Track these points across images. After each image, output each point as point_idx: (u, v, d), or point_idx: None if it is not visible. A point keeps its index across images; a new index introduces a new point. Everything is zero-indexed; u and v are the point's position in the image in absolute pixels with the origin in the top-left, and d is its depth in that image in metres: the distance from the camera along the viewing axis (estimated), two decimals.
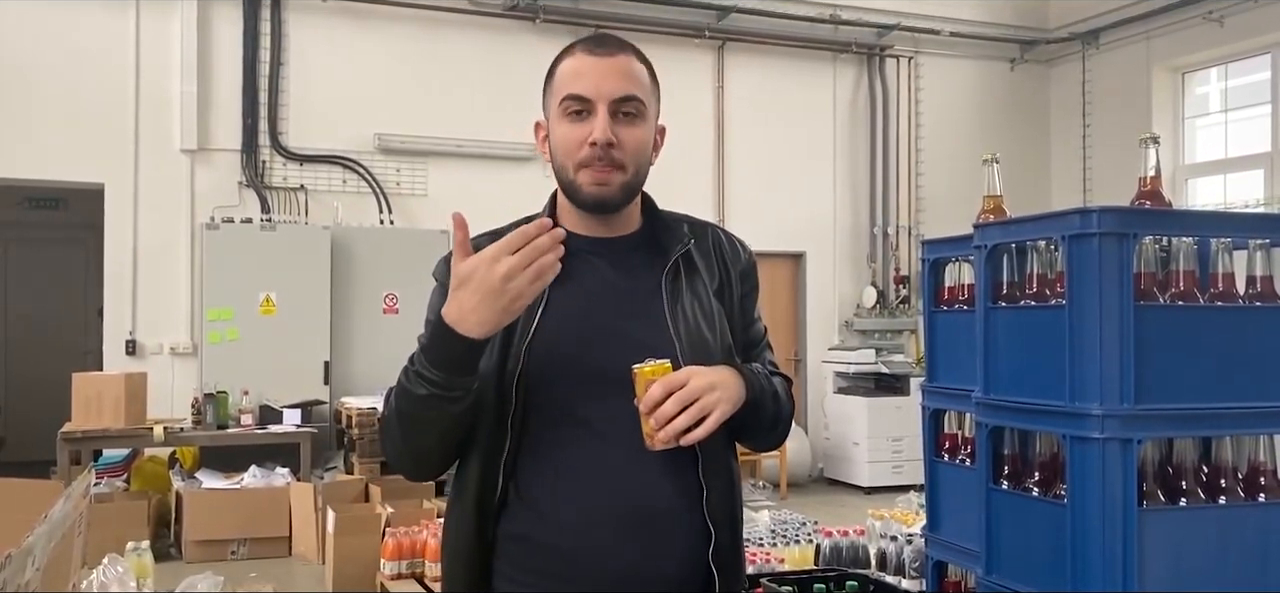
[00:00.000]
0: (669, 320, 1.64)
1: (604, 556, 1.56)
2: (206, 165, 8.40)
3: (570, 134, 1.62)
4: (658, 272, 1.67)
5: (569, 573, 1.57)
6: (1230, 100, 9.70)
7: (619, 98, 1.61)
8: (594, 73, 1.61)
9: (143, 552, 4.75)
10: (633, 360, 1.54)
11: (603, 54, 1.63)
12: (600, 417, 1.58)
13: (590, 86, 1.60)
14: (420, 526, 5.59)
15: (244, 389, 7.46)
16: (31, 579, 1.39)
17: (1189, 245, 1.92)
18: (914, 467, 7.86)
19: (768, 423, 1.71)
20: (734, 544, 1.68)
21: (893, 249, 10.33)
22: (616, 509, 1.57)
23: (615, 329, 1.62)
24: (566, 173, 1.64)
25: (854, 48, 10.25)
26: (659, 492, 1.59)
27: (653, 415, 1.50)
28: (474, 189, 8.96)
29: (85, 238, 9.88)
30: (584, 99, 1.60)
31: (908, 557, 3.55)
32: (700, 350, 1.63)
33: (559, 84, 1.65)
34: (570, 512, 1.58)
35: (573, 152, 1.61)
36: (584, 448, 1.59)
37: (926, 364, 2.49)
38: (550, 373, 1.59)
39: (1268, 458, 1.93)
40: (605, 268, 1.67)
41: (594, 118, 1.60)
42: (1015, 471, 2.05)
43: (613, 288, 1.66)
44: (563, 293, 1.60)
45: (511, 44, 9.17)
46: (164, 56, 8.25)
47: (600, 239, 1.68)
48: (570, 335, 1.61)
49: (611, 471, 1.58)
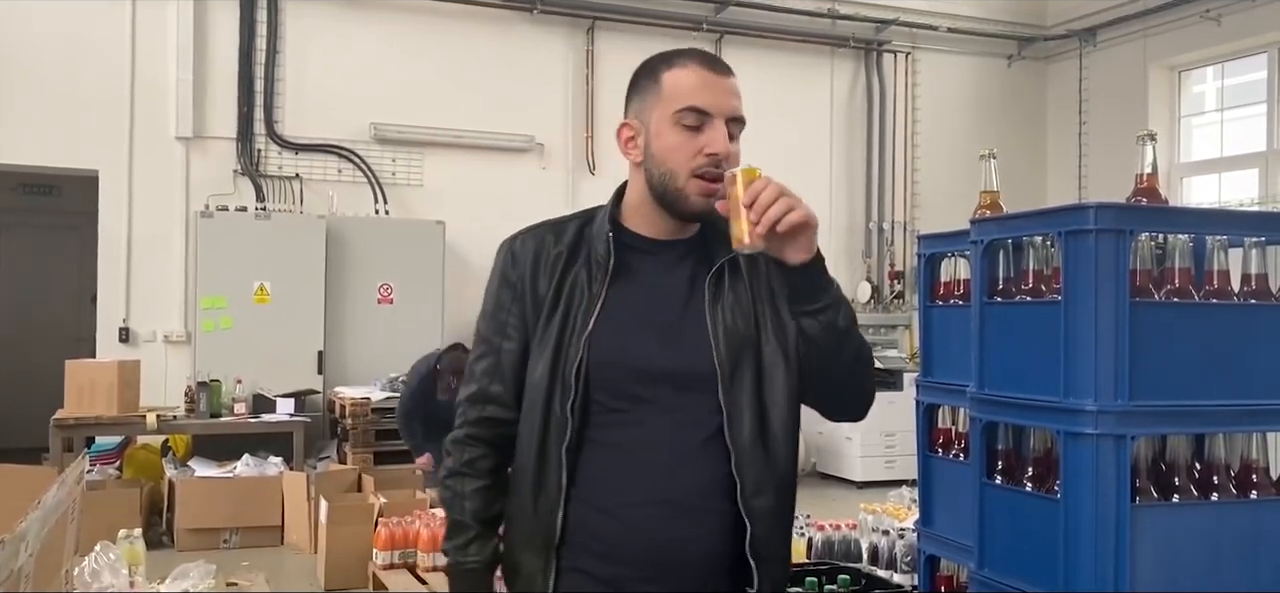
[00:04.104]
0: (708, 321, 1.72)
1: (646, 541, 1.67)
2: (201, 153, 8.37)
3: (686, 143, 1.70)
4: (704, 274, 1.75)
5: (617, 556, 1.68)
6: (1226, 99, 9.71)
7: (733, 116, 1.72)
8: (714, 89, 1.71)
9: (135, 540, 4.74)
10: (676, 360, 1.69)
11: (721, 73, 1.73)
12: (646, 410, 1.69)
13: (712, 102, 1.70)
14: (413, 516, 5.58)
15: (237, 378, 7.43)
16: (24, 565, 1.39)
17: (1185, 243, 1.92)
18: (907, 462, 7.85)
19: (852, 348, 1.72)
20: (774, 537, 1.73)
21: (888, 245, 10.34)
22: (655, 497, 1.67)
23: (662, 329, 1.72)
24: (675, 180, 1.71)
25: (851, 43, 10.24)
26: (695, 484, 1.68)
27: (753, 206, 1.57)
28: (470, 180, 8.96)
29: (79, 225, 9.83)
30: (705, 113, 1.69)
31: (899, 551, 3.56)
32: (738, 348, 1.71)
33: (672, 93, 1.71)
34: (617, 497, 1.69)
35: (687, 160, 1.69)
36: (630, 438, 1.70)
37: (921, 359, 2.49)
38: (606, 366, 1.70)
39: (1259, 456, 1.94)
40: (659, 269, 1.76)
41: (711, 131, 1.69)
42: (1009, 466, 2.05)
43: (662, 289, 1.75)
44: (618, 291, 1.72)
45: (509, 34, 9.15)
46: (159, 43, 8.22)
47: (660, 241, 1.77)
48: (624, 332, 1.71)
49: (654, 462, 1.68)
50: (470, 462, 1.78)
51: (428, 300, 8.27)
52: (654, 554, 1.67)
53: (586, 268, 1.74)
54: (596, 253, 1.74)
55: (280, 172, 8.55)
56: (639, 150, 1.75)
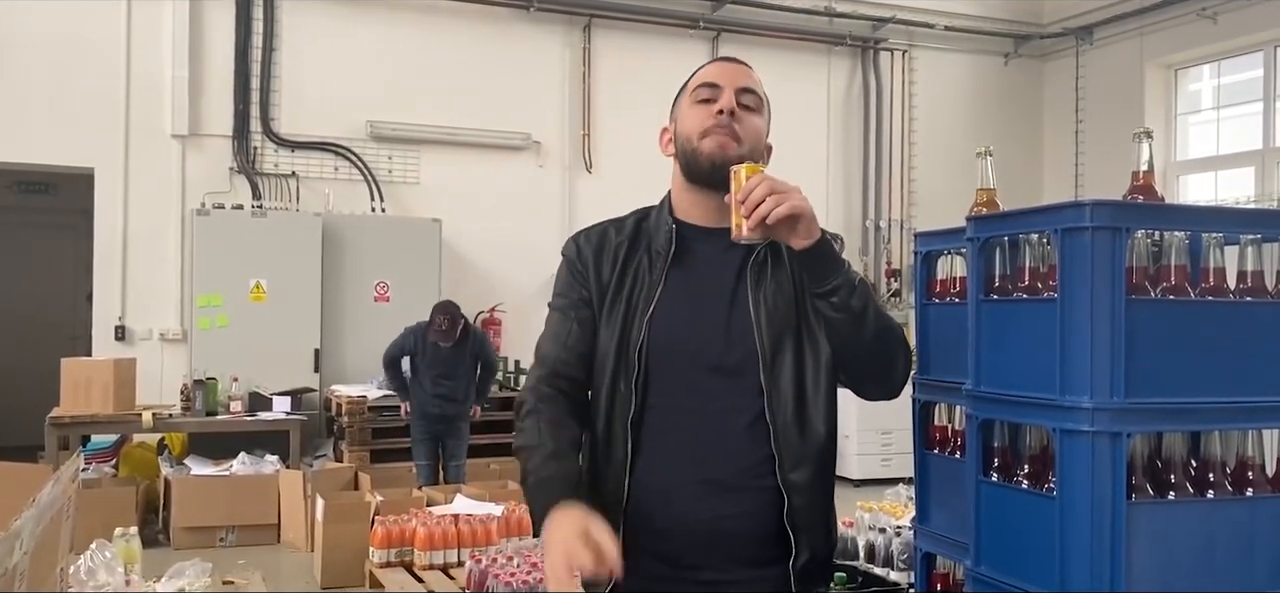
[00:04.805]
0: (751, 307, 1.83)
1: (694, 521, 1.79)
2: (197, 151, 8.36)
3: (699, 112, 1.88)
4: (747, 261, 1.86)
5: (669, 532, 1.80)
6: (1222, 97, 9.72)
7: (742, 87, 1.89)
8: (726, 69, 1.93)
9: (131, 538, 4.72)
10: (724, 344, 1.81)
11: (733, 62, 1.96)
12: (696, 395, 1.81)
13: (720, 77, 1.90)
14: (409, 514, 5.58)
15: (233, 376, 7.43)
16: (19, 563, 1.39)
17: (1181, 240, 1.92)
18: (903, 460, 7.85)
19: (871, 328, 1.79)
20: (812, 506, 1.83)
21: (885, 242, 10.34)
22: (702, 478, 1.79)
23: (711, 315, 1.84)
24: (691, 143, 1.87)
25: (848, 40, 10.24)
26: (739, 466, 1.80)
27: (745, 201, 1.69)
28: (466, 178, 8.95)
29: (75, 223, 9.82)
30: (715, 86, 1.89)
31: (896, 549, 3.57)
32: (779, 331, 1.82)
33: (693, 83, 1.93)
34: (670, 478, 1.80)
35: (699, 124, 1.86)
36: (682, 422, 1.81)
37: (918, 357, 2.49)
38: (664, 347, 1.83)
39: (1256, 453, 1.94)
40: (711, 255, 1.87)
41: (720, 98, 1.86)
42: (1005, 463, 2.05)
43: (712, 276, 1.86)
44: (677, 277, 1.85)
45: (506, 33, 9.14)
46: (155, 40, 8.21)
47: (707, 229, 1.88)
48: (679, 317, 1.84)
49: (700, 441, 1.80)
50: (544, 399, 1.83)
51: (424, 298, 8.22)
52: (702, 533, 1.79)
53: (647, 255, 1.88)
54: (657, 242, 1.88)
55: (276, 169, 8.54)
56: (673, 143, 1.93)
